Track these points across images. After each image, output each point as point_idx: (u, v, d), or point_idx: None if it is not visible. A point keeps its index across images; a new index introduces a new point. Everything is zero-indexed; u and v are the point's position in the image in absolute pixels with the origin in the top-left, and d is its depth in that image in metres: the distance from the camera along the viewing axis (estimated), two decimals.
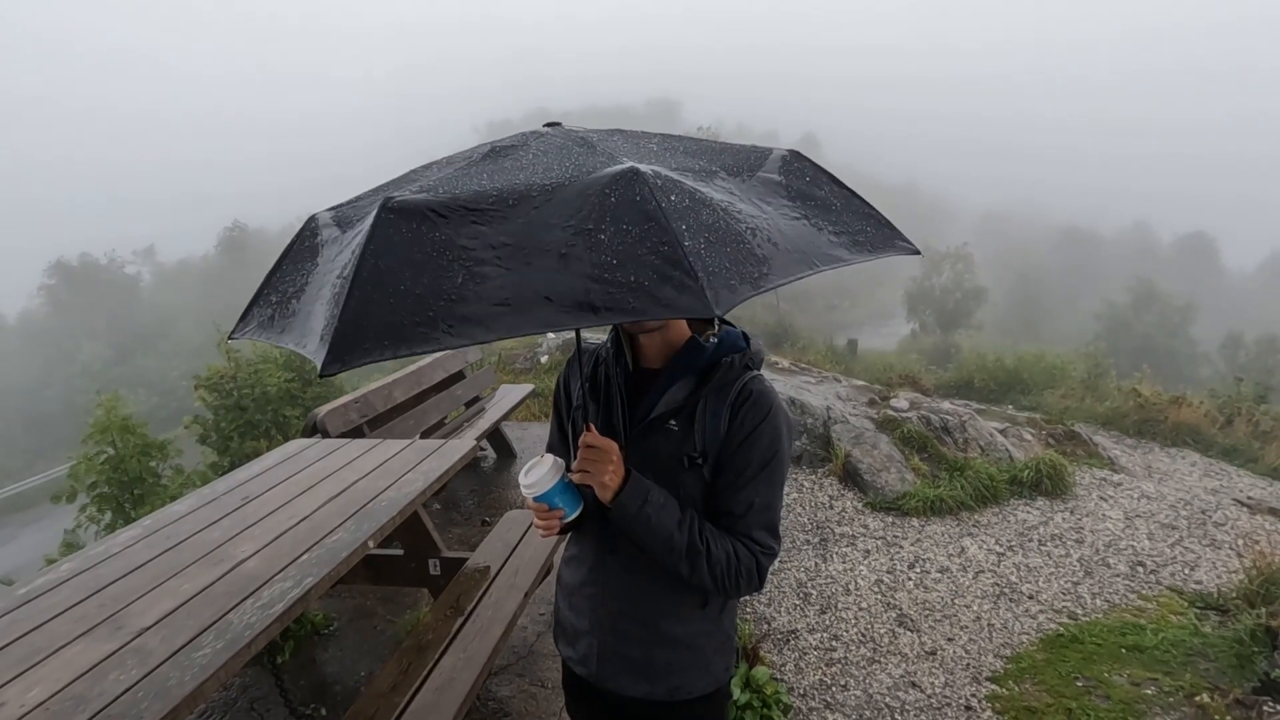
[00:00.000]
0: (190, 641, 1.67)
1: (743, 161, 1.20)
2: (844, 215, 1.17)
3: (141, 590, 1.93)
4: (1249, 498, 5.87)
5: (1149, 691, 3.26)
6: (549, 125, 1.26)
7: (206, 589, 1.92)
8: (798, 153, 1.25)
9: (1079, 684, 3.33)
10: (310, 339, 0.96)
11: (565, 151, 1.12)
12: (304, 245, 1.18)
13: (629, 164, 1.00)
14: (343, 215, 1.18)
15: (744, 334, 1.39)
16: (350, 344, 0.87)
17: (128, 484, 5.14)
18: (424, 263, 0.93)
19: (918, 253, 1.19)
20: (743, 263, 0.94)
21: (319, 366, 0.86)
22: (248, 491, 2.61)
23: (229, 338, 1.33)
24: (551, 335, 13.84)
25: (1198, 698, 3.19)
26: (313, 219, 1.22)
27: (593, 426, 1.26)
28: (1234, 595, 4.05)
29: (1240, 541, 4.91)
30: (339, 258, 1.04)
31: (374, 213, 0.99)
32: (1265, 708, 3.07)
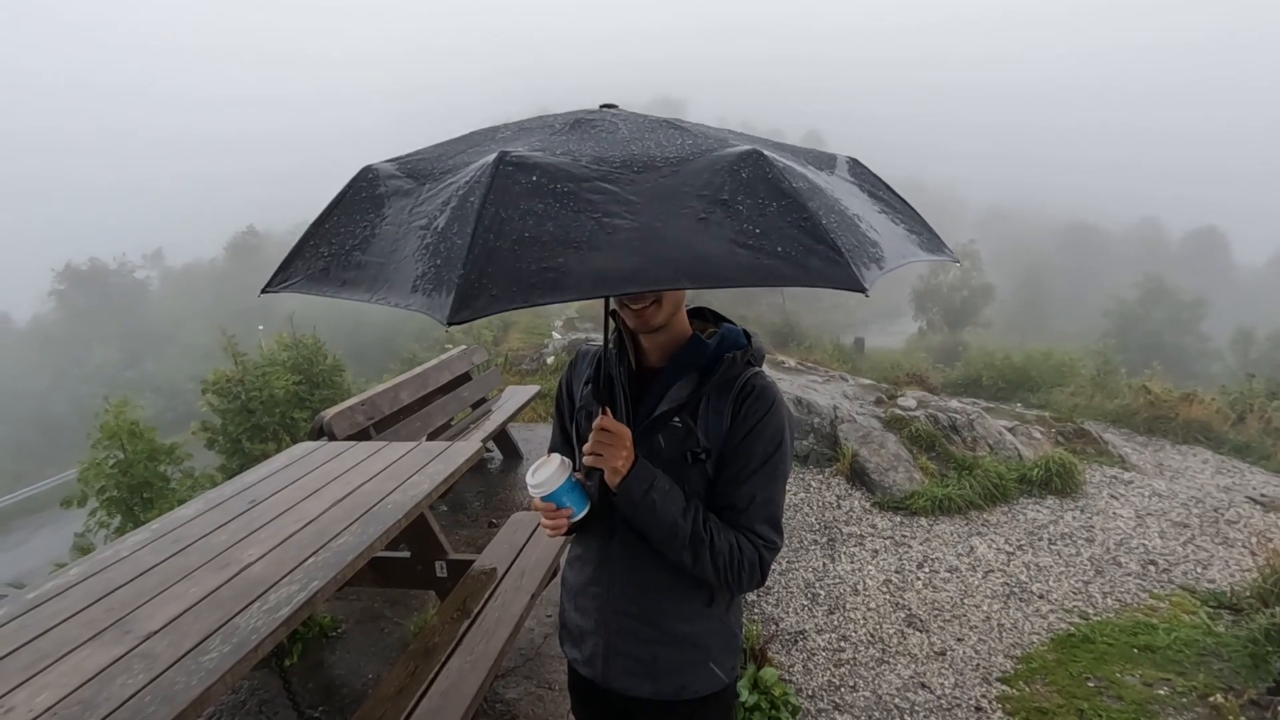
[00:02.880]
0: (197, 645, 1.67)
1: (819, 159, 1.23)
2: (906, 216, 1.21)
3: (149, 594, 1.93)
4: (1262, 495, 5.81)
5: (1162, 692, 3.23)
6: (606, 106, 1.26)
7: (213, 593, 1.92)
8: (857, 159, 1.27)
9: (1090, 684, 3.30)
10: (397, 291, 0.95)
11: (661, 130, 1.13)
12: (361, 196, 1.16)
13: (750, 145, 1.03)
14: (413, 168, 1.16)
15: (744, 331, 1.39)
16: (477, 291, 0.85)
17: (136, 488, 5.16)
18: (547, 213, 0.92)
19: (958, 262, 1.23)
20: (865, 245, 0.97)
21: (446, 315, 0.84)
22: (254, 495, 2.61)
23: (263, 292, 1.24)
24: (557, 336, 13.84)
25: (1211, 698, 3.16)
26: (369, 170, 1.20)
27: (608, 411, 1.25)
28: (1248, 594, 4.01)
29: (1253, 540, 4.86)
30: (423, 208, 1.04)
31: (489, 164, 0.98)
32: None
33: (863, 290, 0.87)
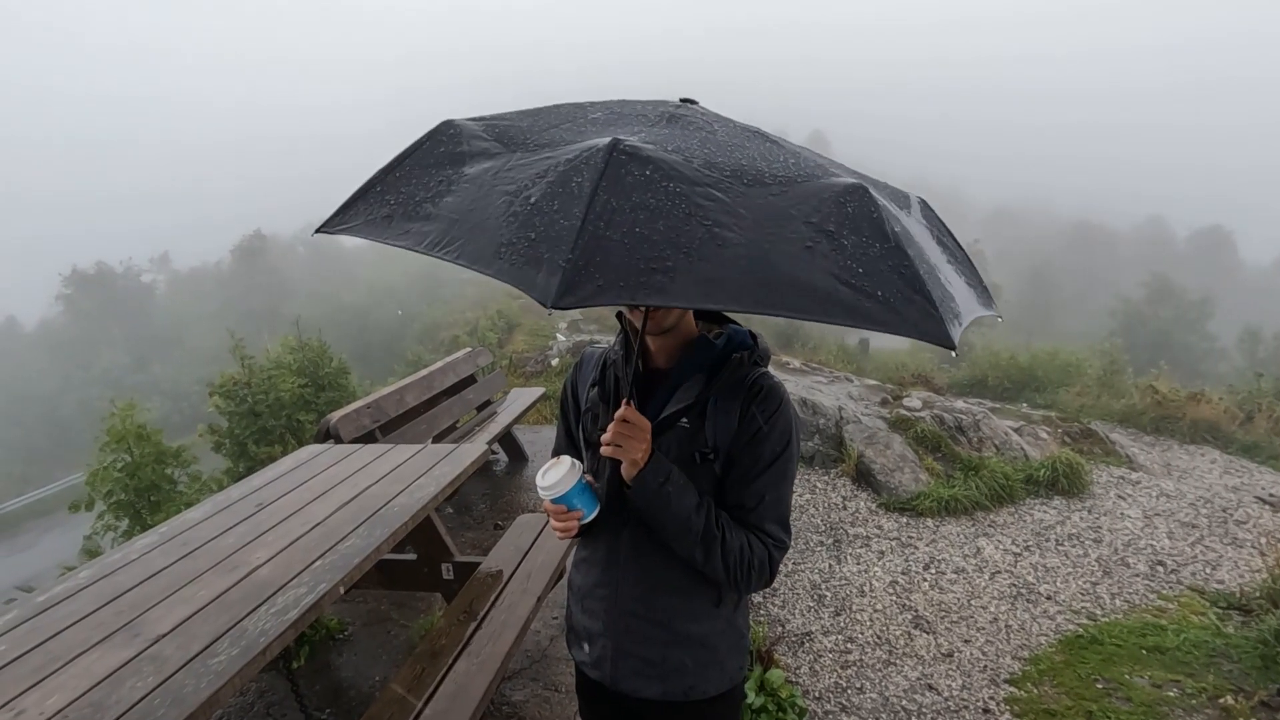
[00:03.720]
0: (206, 648, 1.68)
1: (898, 197, 1.22)
2: (966, 266, 1.19)
3: (158, 597, 1.94)
4: (1271, 495, 5.77)
5: (1171, 694, 3.21)
6: (686, 101, 1.26)
7: (222, 595, 1.93)
8: (925, 200, 1.26)
9: (1099, 686, 3.28)
10: (473, 252, 0.93)
11: (757, 141, 1.13)
12: (440, 150, 1.14)
13: (856, 179, 1.03)
14: (501, 132, 1.15)
15: (750, 331, 1.39)
16: (584, 279, 0.84)
17: (143, 491, 5.18)
18: (659, 210, 0.91)
19: (999, 318, 1.22)
20: (946, 299, 0.96)
21: (551, 298, 0.82)
22: (262, 498, 2.62)
23: (318, 231, 1.19)
24: (561, 338, 13.85)
25: (1221, 700, 3.14)
26: (451, 125, 1.18)
27: (631, 402, 1.25)
28: (1257, 595, 3.99)
29: (1263, 540, 4.83)
30: (512, 174, 1.02)
31: (601, 149, 0.97)
32: None
33: (953, 348, 0.86)
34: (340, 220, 1.15)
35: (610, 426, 1.23)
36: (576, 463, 1.30)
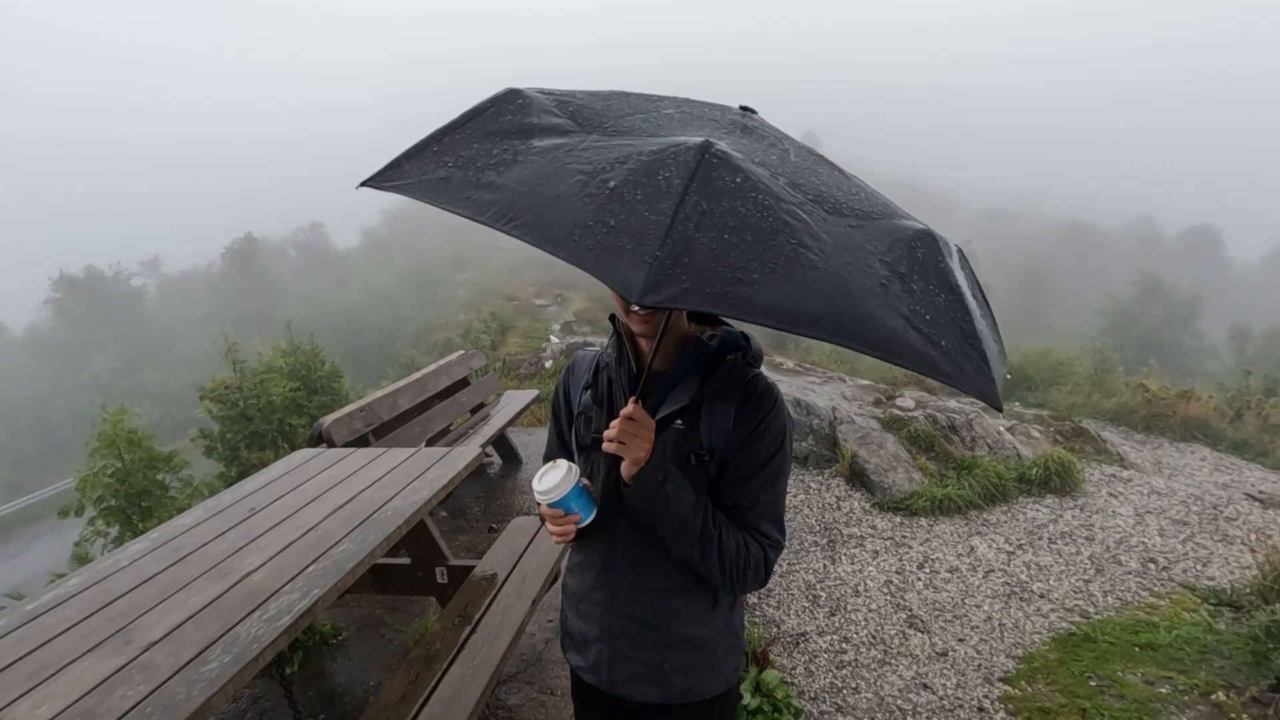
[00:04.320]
0: (198, 655, 1.67)
1: (946, 247, 1.24)
2: (993, 322, 1.20)
3: (149, 604, 1.92)
4: (1261, 492, 5.82)
5: (1164, 690, 3.23)
6: (744, 109, 1.26)
7: (214, 602, 1.92)
8: (960, 248, 1.26)
9: (1092, 683, 3.30)
10: (542, 230, 0.89)
11: (825, 167, 1.14)
12: (506, 118, 1.10)
13: (925, 225, 1.05)
14: (575, 111, 1.12)
15: (743, 333, 1.39)
16: (670, 278, 0.82)
17: (134, 496, 5.15)
18: (747, 221, 0.90)
19: (1008, 375, 1.20)
20: (993, 359, 0.99)
21: (636, 293, 0.80)
22: (254, 503, 2.60)
23: (365, 185, 1.13)
24: (555, 339, 13.84)
25: (1213, 696, 3.16)
26: (518, 93, 1.15)
27: (636, 401, 1.24)
28: (1248, 591, 4.02)
29: (1253, 536, 4.87)
30: (587, 155, 1.00)
31: (692, 148, 0.96)
32: None
33: (1000, 409, 0.89)
34: (390, 176, 1.09)
35: (615, 423, 1.22)
36: (573, 466, 1.30)
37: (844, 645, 3.63)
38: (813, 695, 3.25)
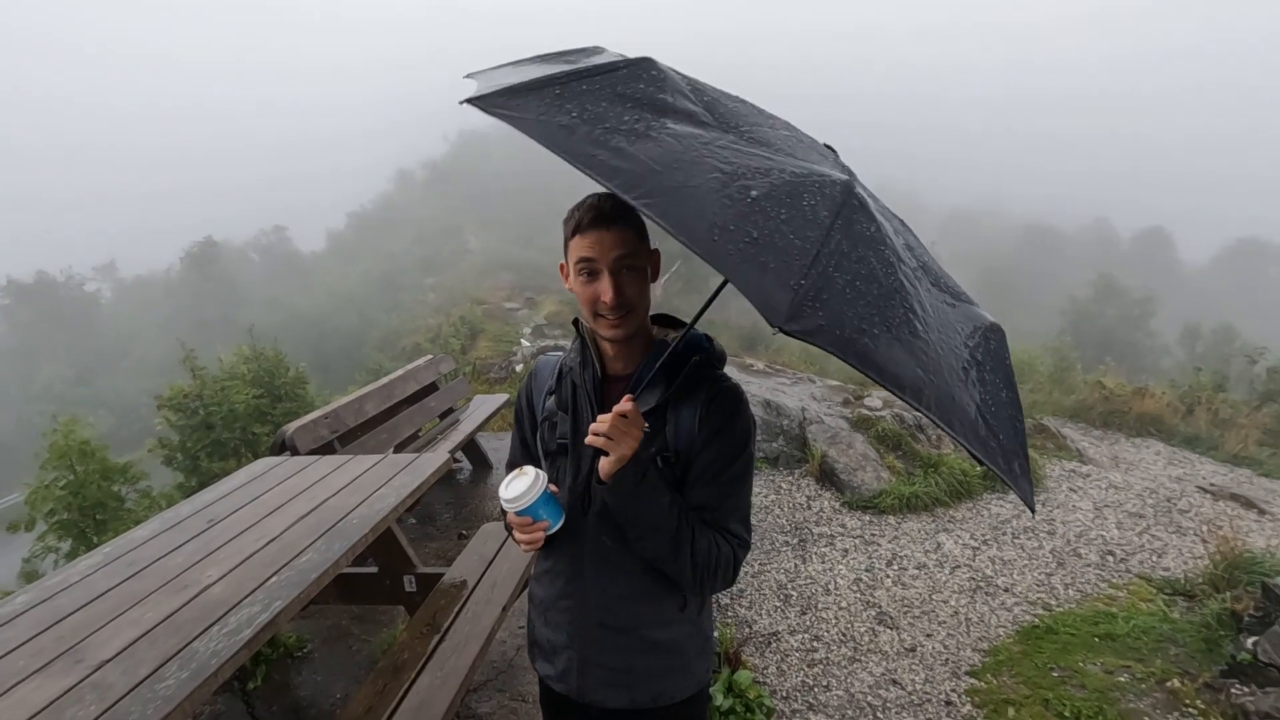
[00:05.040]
0: (153, 673, 1.62)
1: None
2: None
3: (102, 621, 1.85)
4: (1211, 484, 6.03)
5: (1122, 679, 3.32)
6: (828, 148, 1.24)
7: (170, 617, 1.86)
8: (1000, 328, 1.27)
9: (1054, 674, 3.38)
10: (678, 214, 0.85)
11: (914, 235, 1.15)
12: (639, 86, 1.05)
13: (993, 319, 1.08)
14: (709, 102, 1.08)
15: (705, 335, 1.40)
16: (811, 310, 0.80)
17: (88, 510, 4.96)
18: (874, 275, 0.90)
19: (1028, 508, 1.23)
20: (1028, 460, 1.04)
21: (780, 318, 0.78)
22: (213, 513, 2.53)
23: (472, 101, 1.02)
24: (526, 343, 13.75)
25: (1169, 683, 3.26)
26: (653, 64, 1.11)
27: (631, 398, 1.23)
28: (1200, 580, 4.16)
29: (1204, 527, 5.04)
30: (724, 154, 0.97)
31: (838, 186, 0.96)
32: (1233, 689, 3.15)
33: (1033, 511, 0.96)
34: (506, 104, 1.01)
35: (605, 418, 1.20)
36: (540, 472, 1.29)
37: (815, 644, 3.67)
38: (785, 694, 3.28)
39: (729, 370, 1.42)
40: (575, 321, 1.42)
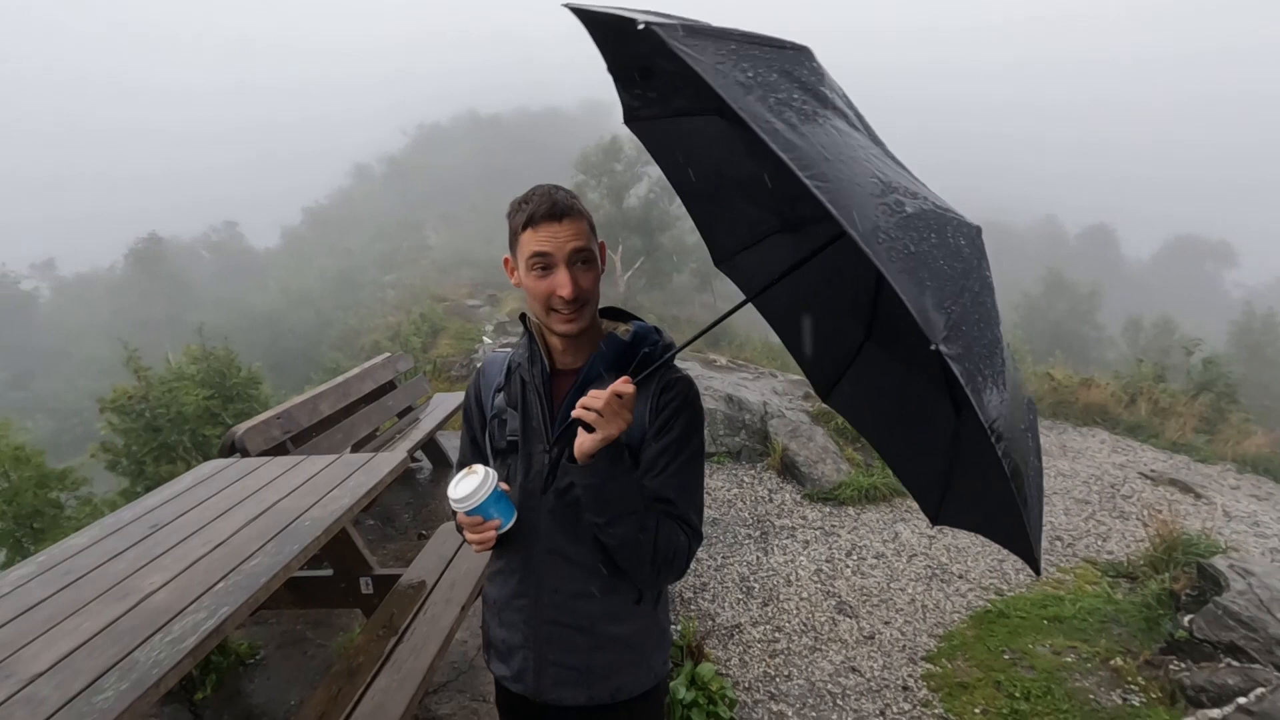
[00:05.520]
0: (90, 685, 1.55)
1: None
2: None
3: (35, 632, 1.77)
4: (1151, 470, 6.30)
5: (1069, 659, 3.45)
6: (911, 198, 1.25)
7: (109, 626, 1.78)
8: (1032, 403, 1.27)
9: (1006, 657, 3.49)
10: (855, 221, 0.80)
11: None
12: (802, 71, 1.01)
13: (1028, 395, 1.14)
14: (855, 109, 1.09)
15: (655, 327, 1.39)
16: (956, 336, 0.82)
17: (24, 518, 4.74)
18: (988, 320, 0.93)
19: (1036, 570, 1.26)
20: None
21: (939, 333, 0.80)
22: (157, 519, 2.44)
23: (644, 25, 0.92)
24: (488, 340, 13.60)
25: (1112, 661, 3.39)
26: (814, 58, 1.07)
27: (630, 380, 1.19)
28: (1141, 563, 4.34)
29: (1145, 512, 5.26)
30: (877, 162, 0.97)
31: (976, 232, 1.00)
32: (1171, 665, 3.30)
33: (1039, 573, 1.11)
34: (685, 41, 0.92)
35: (600, 394, 1.15)
36: (490, 470, 1.27)
37: (777, 634, 3.71)
38: (747, 685, 3.31)
39: (692, 365, 1.42)
40: (522, 316, 1.40)
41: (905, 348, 1.27)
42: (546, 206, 1.23)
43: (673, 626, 3.57)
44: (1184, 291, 50.70)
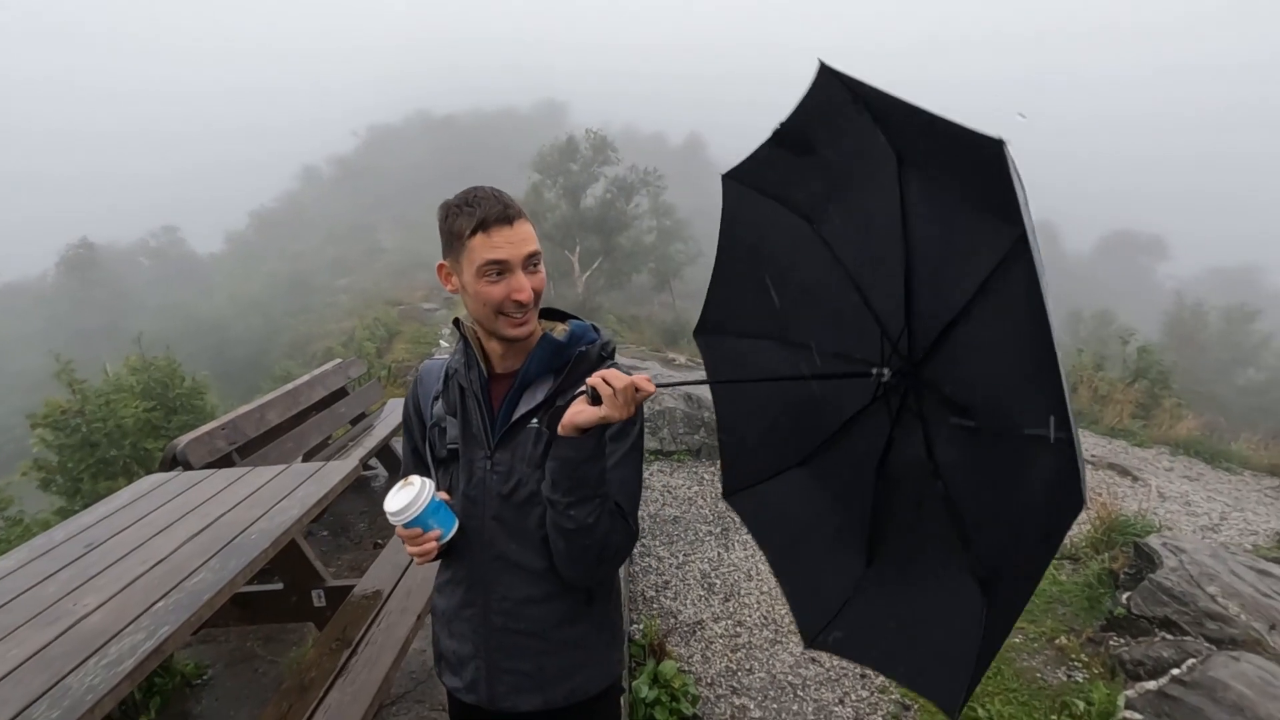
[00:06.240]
0: (19, 714, 1.47)
1: None
2: None
3: None
4: (1092, 455, 6.57)
5: (1017, 640, 3.57)
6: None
7: (40, 652, 1.70)
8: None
9: None
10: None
11: None
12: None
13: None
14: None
15: (593, 325, 1.39)
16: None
17: None
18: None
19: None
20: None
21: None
22: (91, 537, 2.33)
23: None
24: (445, 344, 13.39)
25: (1057, 640, 3.53)
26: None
27: (649, 378, 1.16)
28: (1084, 544, 4.52)
29: (1087, 496, 5.47)
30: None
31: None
32: (1111, 641, 3.45)
33: None
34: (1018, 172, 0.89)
35: (618, 376, 1.12)
36: (427, 480, 1.24)
37: (738, 629, 3.75)
38: (709, 681, 3.34)
39: (651, 364, 1.42)
40: (457, 321, 1.38)
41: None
42: (498, 210, 1.20)
43: (634, 626, 3.58)
44: (1120, 283, 53.03)
